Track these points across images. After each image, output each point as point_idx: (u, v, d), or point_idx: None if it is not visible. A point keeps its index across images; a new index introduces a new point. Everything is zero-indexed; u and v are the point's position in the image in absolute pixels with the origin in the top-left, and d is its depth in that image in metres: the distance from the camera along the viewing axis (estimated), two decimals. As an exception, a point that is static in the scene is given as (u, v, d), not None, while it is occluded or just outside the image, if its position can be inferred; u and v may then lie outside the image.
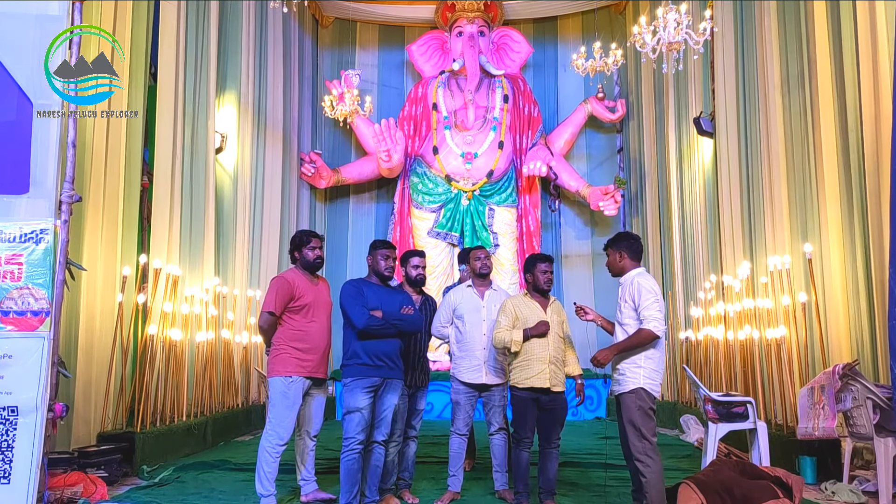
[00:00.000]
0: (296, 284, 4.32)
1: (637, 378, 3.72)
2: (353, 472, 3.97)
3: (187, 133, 7.13)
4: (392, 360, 4.10)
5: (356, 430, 3.97)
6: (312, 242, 4.43)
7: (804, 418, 4.94)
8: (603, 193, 10.45)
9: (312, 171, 10.65)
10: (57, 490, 4.27)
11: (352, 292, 4.09)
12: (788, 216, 6.23)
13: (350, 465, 3.96)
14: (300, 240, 4.46)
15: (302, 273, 4.42)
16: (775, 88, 6.44)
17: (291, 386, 4.23)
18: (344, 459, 3.98)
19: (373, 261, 4.26)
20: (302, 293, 4.31)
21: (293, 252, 4.48)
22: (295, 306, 4.29)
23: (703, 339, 7.73)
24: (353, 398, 4.00)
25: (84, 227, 5.39)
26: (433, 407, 8.98)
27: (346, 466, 3.97)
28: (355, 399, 3.99)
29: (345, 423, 4.03)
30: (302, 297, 4.30)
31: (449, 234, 10.57)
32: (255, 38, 8.91)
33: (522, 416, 4.21)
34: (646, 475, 3.63)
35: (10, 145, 4.01)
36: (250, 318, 8.56)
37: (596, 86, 10.83)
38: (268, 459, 4.19)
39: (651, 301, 3.69)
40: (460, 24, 10.93)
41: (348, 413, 4.00)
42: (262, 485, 4.20)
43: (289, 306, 4.29)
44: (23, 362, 3.74)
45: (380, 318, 4.01)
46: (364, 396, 3.99)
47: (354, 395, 4.00)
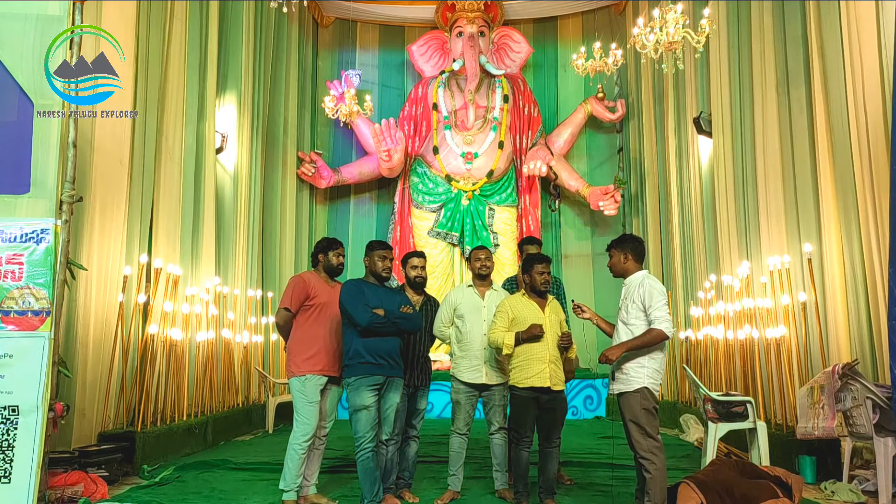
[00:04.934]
0: (311, 284, 4.45)
1: (641, 377, 3.74)
2: (370, 470, 4.01)
3: (188, 133, 7.14)
4: (393, 358, 4.16)
5: (366, 429, 4.01)
6: (339, 249, 4.59)
7: (804, 418, 4.95)
8: (603, 193, 10.46)
9: (312, 171, 10.66)
10: (57, 489, 4.28)
11: (353, 291, 4.14)
12: (786, 215, 6.24)
13: (366, 463, 4.00)
14: (327, 245, 4.58)
15: (320, 276, 4.55)
16: (771, 88, 6.44)
17: (307, 383, 4.30)
18: (360, 459, 4.02)
19: (370, 262, 4.34)
20: (317, 293, 4.43)
21: (317, 255, 4.61)
22: (310, 304, 4.40)
23: (703, 339, 7.74)
24: (359, 397, 4.04)
25: (84, 227, 5.40)
26: (433, 407, 8.98)
27: (362, 466, 4.01)
28: (361, 398, 4.03)
29: (354, 422, 4.06)
30: (317, 297, 4.41)
31: (449, 233, 10.57)
32: (255, 38, 8.92)
33: (522, 416, 4.22)
34: (650, 472, 3.66)
35: (10, 145, 4.01)
36: (250, 318, 8.58)
37: (596, 86, 10.84)
38: (292, 455, 4.26)
39: (662, 303, 3.73)
40: (460, 24, 10.94)
41: (356, 412, 4.04)
42: (283, 479, 4.28)
43: (304, 304, 4.40)
44: (23, 362, 3.74)
45: (382, 317, 4.06)
46: (370, 394, 4.05)
47: (360, 393, 4.04)
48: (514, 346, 4.18)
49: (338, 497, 4.59)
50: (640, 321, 3.78)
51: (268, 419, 8.18)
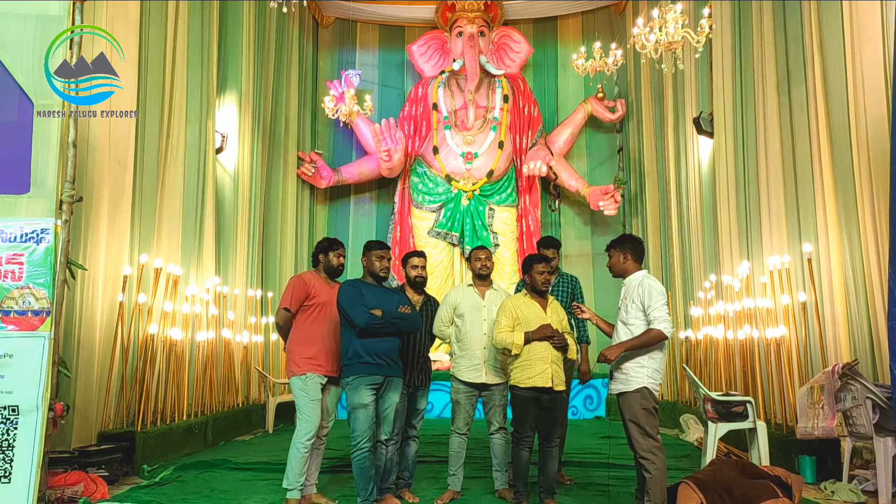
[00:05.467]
0: (312, 284, 4.46)
1: (641, 377, 3.75)
2: (365, 469, 4.01)
3: (188, 133, 7.14)
4: (392, 358, 4.16)
5: (364, 428, 4.01)
6: (339, 250, 4.60)
7: (803, 418, 4.95)
8: (603, 193, 10.45)
9: (312, 171, 10.66)
10: (57, 489, 4.28)
11: (351, 292, 4.15)
12: (787, 215, 6.24)
13: (361, 462, 4.00)
14: (328, 245, 4.59)
15: (320, 276, 4.56)
16: (772, 88, 6.44)
17: (308, 381, 4.30)
18: (355, 458, 4.02)
19: (367, 262, 4.35)
20: (317, 293, 4.44)
21: (317, 255, 4.62)
22: (309, 304, 4.41)
23: (703, 339, 7.74)
24: (357, 395, 4.04)
25: (84, 227, 5.40)
26: (433, 406, 8.98)
27: (358, 465, 4.01)
28: (360, 396, 4.04)
29: (352, 421, 4.06)
30: (317, 297, 4.43)
31: (449, 233, 10.57)
32: (255, 38, 8.92)
33: (522, 416, 4.23)
34: (650, 471, 3.66)
35: (10, 145, 4.01)
36: (250, 318, 8.58)
37: (596, 86, 10.84)
38: (295, 454, 4.26)
39: (661, 303, 3.73)
40: (460, 24, 10.94)
41: (354, 410, 4.04)
42: (287, 479, 4.27)
43: (304, 304, 4.41)
44: (23, 362, 3.75)
45: (380, 317, 4.06)
46: (369, 393, 4.05)
47: (359, 392, 4.04)
48: (523, 345, 4.18)
49: (338, 497, 4.59)
50: (640, 321, 3.79)
51: (268, 419, 8.18)
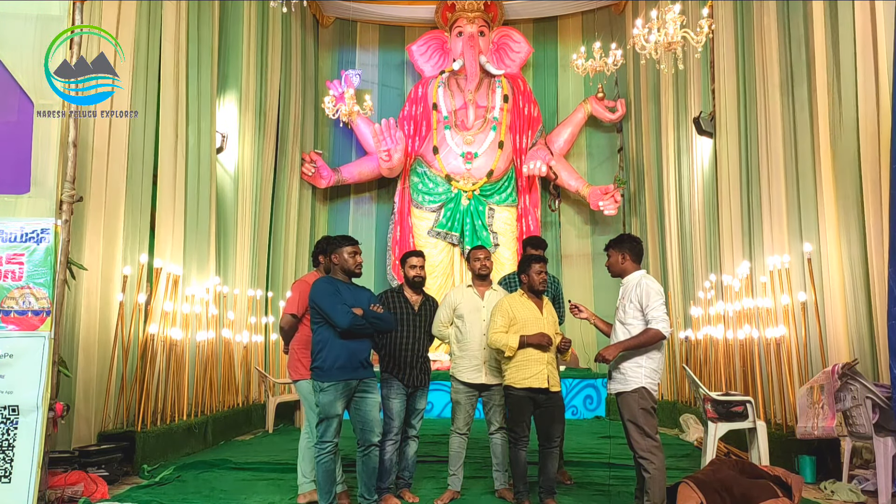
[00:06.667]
0: None
1: (639, 377, 3.75)
2: (331, 472, 3.98)
3: (188, 133, 7.14)
4: (366, 359, 4.08)
5: (332, 435, 3.95)
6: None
7: (803, 418, 4.95)
8: (603, 193, 10.47)
9: (312, 171, 10.66)
10: (57, 489, 4.28)
11: (329, 290, 3.99)
12: (787, 215, 6.24)
13: (328, 465, 3.96)
14: (328, 245, 4.39)
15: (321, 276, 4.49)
16: (775, 88, 6.44)
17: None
18: (320, 462, 3.96)
19: (339, 259, 4.12)
20: None
21: (317, 255, 4.57)
22: None
23: (703, 339, 7.74)
24: (331, 406, 3.94)
25: (84, 227, 5.40)
26: (433, 407, 8.99)
27: (323, 468, 3.96)
28: (334, 407, 3.94)
29: (322, 428, 3.97)
30: None
31: (449, 233, 10.58)
32: (255, 38, 8.92)
33: (518, 416, 4.22)
34: (649, 471, 3.66)
35: (11, 145, 4.01)
36: (250, 318, 8.58)
37: (596, 86, 10.84)
38: (306, 455, 4.42)
39: (659, 302, 3.73)
40: (460, 24, 10.94)
41: (326, 419, 3.95)
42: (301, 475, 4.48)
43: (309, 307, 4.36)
44: (24, 362, 3.75)
45: (361, 317, 3.95)
46: (342, 403, 3.97)
47: (333, 403, 3.93)
48: (517, 349, 4.17)
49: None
50: (638, 321, 3.78)
51: (268, 419, 8.18)
